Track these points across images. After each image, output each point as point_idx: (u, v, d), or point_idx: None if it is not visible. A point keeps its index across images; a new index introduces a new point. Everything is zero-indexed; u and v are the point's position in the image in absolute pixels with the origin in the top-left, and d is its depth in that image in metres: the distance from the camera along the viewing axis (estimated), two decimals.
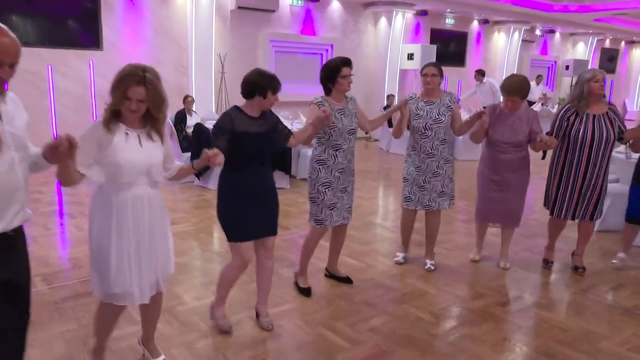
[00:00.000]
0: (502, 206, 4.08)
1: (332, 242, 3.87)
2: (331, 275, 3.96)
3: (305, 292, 3.66)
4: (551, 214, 4.12)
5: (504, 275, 4.15)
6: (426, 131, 3.85)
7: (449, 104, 3.88)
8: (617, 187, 5.24)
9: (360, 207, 6.21)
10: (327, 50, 11.17)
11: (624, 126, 3.89)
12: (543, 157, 4.32)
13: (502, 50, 14.86)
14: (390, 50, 11.88)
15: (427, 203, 3.98)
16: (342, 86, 3.37)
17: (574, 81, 8.83)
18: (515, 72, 14.73)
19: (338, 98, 3.45)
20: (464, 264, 4.36)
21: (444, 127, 3.84)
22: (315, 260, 4.26)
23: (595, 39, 17.59)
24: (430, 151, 3.87)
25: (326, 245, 4.60)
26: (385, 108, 10.06)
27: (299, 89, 10.41)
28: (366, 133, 4.22)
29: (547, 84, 16.69)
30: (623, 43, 19.39)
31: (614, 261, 4.30)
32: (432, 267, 4.14)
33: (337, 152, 3.43)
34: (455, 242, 4.90)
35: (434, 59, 12.16)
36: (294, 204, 6.15)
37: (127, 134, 2.33)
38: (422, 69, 3.89)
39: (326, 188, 3.46)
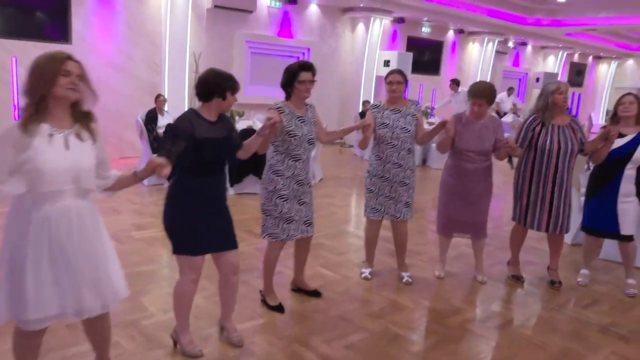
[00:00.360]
0: (467, 217, 4.03)
1: (296, 256, 3.70)
2: (299, 289, 3.79)
3: (278, 309, 3.48)
4: (524, 225, 4.07)
5: (480, 289, 4.10)
6: (393, 140, 3.75)
7: (414, 113, 3.80)
8: None
9: (335, 215, 6.11)
10: (303, 53, 11.06)
11: (585, 138, 3.93)
12: (512, 167, 4.29)
13: (476, 60, 15.03)
14: (367, 56, 11.86)
15: (394, 213, 3.88)
16: (300, 92, 3.20)
17: None
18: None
19: (298, 105, 3.28)
20: (430, 274, 4.30)
21: (411, 137, 3.78)
22: (288, 271, 4.14)
23: (565, 53, 18.02)
24: (397, 161, 3.78)
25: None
26: (361, 114, 10.00)
27: (275, 92, 10.20)
28: (340, 139, 4.08)
29: (517, 96, 16.98)
30: (590, 58, 19.93)
31: (579, 279, 4.28)
32: (410, 280, 4.05)
33: (297, 163, 3.26)
34: (430, 253, 4.84)
35: (410, 67, 12.22)
36: None
37: (50, 135, 2.03)
38: (387, 76, 3.78)
39: (284, 200, 3.27)
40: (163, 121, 7.42)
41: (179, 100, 8.89)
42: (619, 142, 3.86)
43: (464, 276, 4.33)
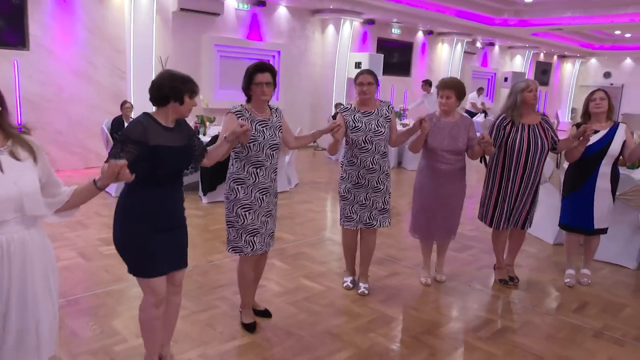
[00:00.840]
0: (441, 220, 3.92)
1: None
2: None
3: (249, 328, 3.22)
4: (490, 225, 4.04)
5: (468, 295, 3.97)
6: (366, 144, 3.55)
7: (387, 114, 3.62)
8: None
9: (313, 221, 5.92)
10: (274, 56, 10.85)
11: (557, 136, 3.89)
12: (486, 165, 4.21)
13: (446, 61, 15.10)
14: (338, 58, 11.72)
15: (368, 221, 3.68)
16: (257, 95, 2.98)
17: None
18: None
19: (259, 108, 3.05)
20: (434, 284, 4.15)
21: (385, 139, 3.60)
22: (270, 284, 3.93)
23: (532, 52, 18.30)
24: (371, 166, 3.58)
25: (282, 266, 4.29)
26: (333, 117, 9.84)
27: (244, 97, 10.00)
28: (314, 142, 3.86)
29: (487, 95, 17.15)
30: (555, 57, 20.32)
31: (566, 280, 4.22)
32: (366, 291, 3.82)
33: (258, 170, 3.01)
34: (415, 259, 4.68)
35: (381, 68, 12.14)
36: None
37: None
38: (356, 77, 3.59)
39: (246, 211, 3.02)
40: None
41: (146, 106, 8.49)
42: (592, 139, 3.84)
43: (450, 281, 4.19)
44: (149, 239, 2.41)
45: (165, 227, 2.46)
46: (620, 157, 3.97)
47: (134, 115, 7.63)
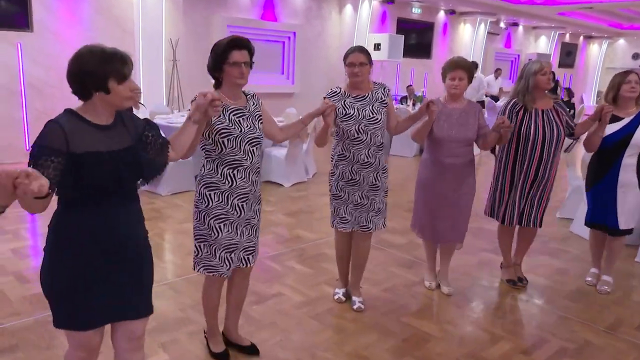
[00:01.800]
0: (447, 221, 3.47)
1: (228, 296, 2.77)
2: (229, 342, 2.82)
3: (221, 357, 2.73)
4: (502, 222, 3.63)
5: (510, 305, 3.53)
6: (360, 135, 3.01)
7: (383, 98, 3.08)
8: None
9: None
10: (289, 37, 10.34)
11: (572, 120, 3.48)
12: (494, 152, 3.78)
13: (468, 42, 14.46)
14: (356, 39, 11.17)
15: (364, 223, 3.18)
16: (231, 77, 2.38)
17: None
18: (480, 65, 14.46)
19: (233, 94, 2.45)
20: (460, 291, 3.71)
21: (381, 128, 3.07)
22: (289, 292, 3.51)
23: (557, 32, 17.52)
24: (366, 160, 3.05)
25: (302, 270, 3.85)
26: None
27: (260, 80, 9.57)
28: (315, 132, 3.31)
29: (509, 78, 16.47)
30: (581, 38, 19.46)
31: (587, 279, 3.90)
32: (362, 306, 3.33)
33: (235, 172, 2.43)
34: None
35: (401, 50, 11.59)
36: None
37: None
38: (346, 55, 3.02)
39: (221, 223, 2.45)
40: (139, 115, 6.69)
41: (156, 91, 8.14)
42: (615, 127, 3.46)
43: (476, 286, 3.75)
44: (78, 278, 1.78)
45: (112, 259, 1.83)
46: None
47: (143, 101, 7.23)
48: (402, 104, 10.41)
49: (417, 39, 13.22)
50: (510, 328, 3.22)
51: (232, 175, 2.43)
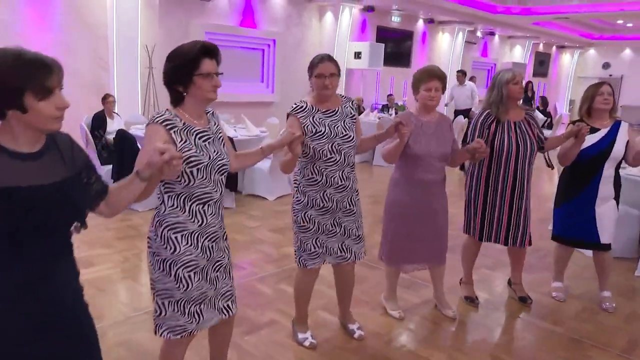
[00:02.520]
0: (427, 242, 3.23)
1: (212, 343, 2.40)
2: None
3: None
4: (480, 239, 3.46)
5: (518, 328, 3.35)
6: (333, 154, 2.65)
7: (352, 113, 2.77)
8: (621, 208, 4.63)
9: None
10: (269, 45, 10.09)
11: (542, 133, 3.37)
12: (462, 168, 3.63)
13: (447, 51, 14.48)
14: (336, 47, 11.01)
15: (340, 253, 2.82)
16: (203, 92, 1.97)
17: None
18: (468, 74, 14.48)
19: (198, 112, 2.04)
20: (463, 313, 3.51)
21: (354, 147, 2.74)
22: (283, 319, 3.24)
23: (532, 42, 17.75)
24: (340, 182, 2.69)
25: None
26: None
27: (239, 88, 9.31)
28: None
29: (486, 87, 16.55)
30: (554, 48, 19.78)
31: (554, 294, 3.78)
32: (362, 333, 3.08)
33: (206, 207, 2.01)
34: (450, 280, 4.04)
35: (382, 59, 11.49)
36: (242, 230, 5.06)
37: None
38: (314, 65, 2.64)
39: (192, 271, 2.01)
40: (113, 126, 6.37)
41: (131, 100, 7.78)
42: (591, 140, 3.35)
43: (482, 308, 3.56)
44: (9, 344, 1.39)
45: (42, 327, 1.43)
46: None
47: (117, 110, 6.89)
48: (383, 112, 10.27)
49: (396, 47, 13.15)
50: (522, 354, 3.02)
51: (202, 211, 2.00)
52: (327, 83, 2.62)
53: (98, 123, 6.31)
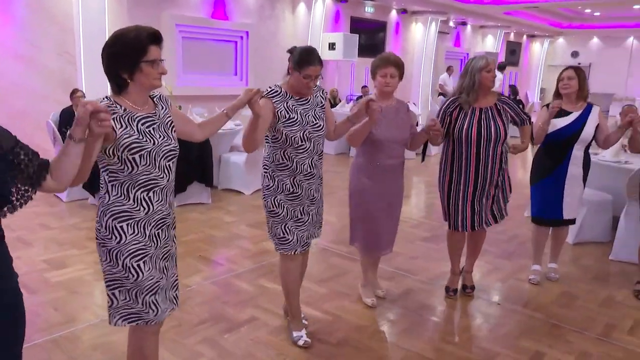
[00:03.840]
0: (386, 228, 3.29)
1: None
2: None
3: None
4: (449, 228, 3.47)
5: (501, 316, 3.35)
6: (304, 142, 2.66)
7: (322, 102, 2.76)
8: (595, 194, 4.70)
9: None
10: (241, 37, 9.92)
11: (523, 113, 3.37)
12: (422, 159, 3.68)
13: (420, 41, 14.47)
14: (310, 39, 10.90)
15: (306, 240, 2.85)
16: (149, 79, 1.91)
17: None
18: (432, 64, 14.58)
19: (142, 99, 1.97)
20: (449, 304, 3.51)
21: (324, 135, 2.78)
22: (264, 316, 3.17)
23: (503, 32, 17.92)
24: (309, 170, 2.72)
25: (274, 289, 3.52)
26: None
27: (212, 81, 9.15)
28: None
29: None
30: (525, 37, 20.03)
31: (531, 277, 3.87)
32: (309, 341, 2.88)
33: (152, 194, 1.96)
34: (432, 270, 4.04)
35: (356, 49, 11.42)
36: (219, 226, 4.94)
37: None
38: (303, 64, 2.57)
39: (140, 260, 1.95)
40: None
41: (99, 94, 7.52)
42: (564, 121, 3.55)
43: (475, 299, 3.56)
44: None
45: None
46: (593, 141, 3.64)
47: None
48: (358, 103, 10.23)
49: (370, 38, 13.09)
50: (506, 342, 3.02)
51: (147, 198, 1.95)
52: (312, 85, 2.63)
53: (66, 119, 6.08)
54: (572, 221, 3.79)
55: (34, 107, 7.01)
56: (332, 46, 10.94)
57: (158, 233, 2.00)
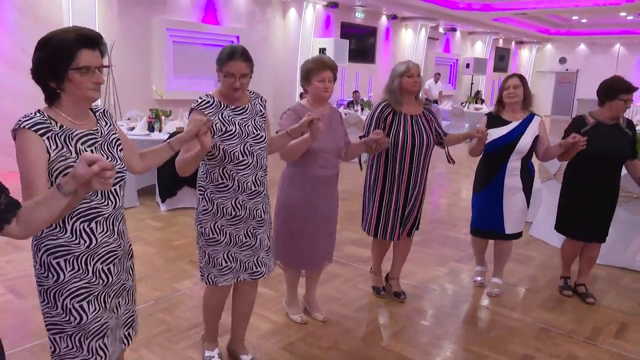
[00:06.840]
0: (321, 243, 3.05)
1: None
2: None
3: None
4: (375, 237, 3.42)
5: (489, 319, 3.38)
6: (245, 157, 2.36)
7: (262, 111, 2.47)
8: None
9: None
10: (232, 42, 9.94)
11: (441, 128, 3.38)
12: (361, 168, 3.58)
13: (410, 47, 14.62)
14: (301, 44, 10.96)
15: (255, 269, 2.53)
16: (82, 90, 1.63)
17: (474, 79, 7.40)
18: (422, 70, 14.70)
19: (79, 112, 1.70)
20: (435, 307, 3.54)
21: (267, 148, 2.48)
22: (255, 319, 3.19)
23: (492, 38, 18.11)
24: (253, 187, 2.40)
25: (266, 293, 3.52)
26: None
27: (202, 86, 9.12)
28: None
29: (449, 82, 16.84)
30: (513, 43, 20.26)
31: (477, 279, 3.89)
32: None
33: (94, 225, 1.70)
34: (419, 274, 4.07)
35: (346, 55, 11.50)
36: None
37: None
38: (224, 62, 2.29)
39: (83, 300, 1.71)
40: None
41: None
42: (501, 131, 3.39)
43: (448, 301, 3.60)
44: None
45: None
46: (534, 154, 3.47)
47: None
48: (349, 109, 10.28)
49: (360, 43, 13.19)
50: (494, 345, 3.05)
51: (88, 230, 1.68)
52: (238, 85, 2.30)
53: None
54: (517, 235, 3.59)
55: (23, 110, 6.95)
56: (322, 51, 10.99)
57: (108, 268, 1.75)
